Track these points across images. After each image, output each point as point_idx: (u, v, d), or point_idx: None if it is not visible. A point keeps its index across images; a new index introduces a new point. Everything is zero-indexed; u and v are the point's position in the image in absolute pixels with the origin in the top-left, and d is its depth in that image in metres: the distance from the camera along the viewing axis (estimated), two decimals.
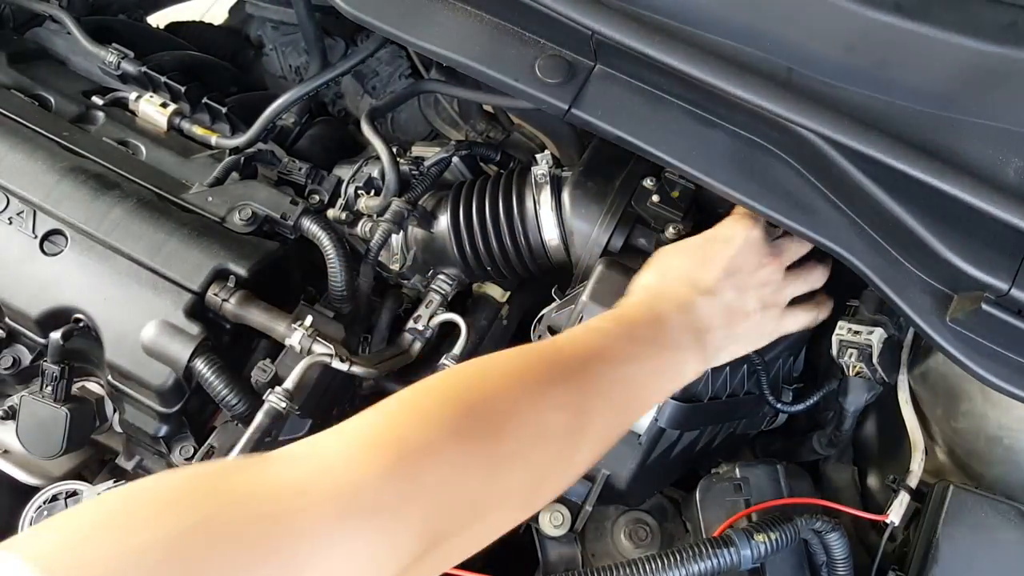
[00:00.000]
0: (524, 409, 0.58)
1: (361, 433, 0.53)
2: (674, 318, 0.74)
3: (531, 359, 0.63)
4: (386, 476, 0.50)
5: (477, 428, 0.55)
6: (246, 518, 0.44)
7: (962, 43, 0.75)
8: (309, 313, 0.95)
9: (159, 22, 1.50)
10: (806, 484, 1.00)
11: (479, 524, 0.56)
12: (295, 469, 0.49)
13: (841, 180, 0.76)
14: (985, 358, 0.74)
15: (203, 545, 0.41)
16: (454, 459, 0.53)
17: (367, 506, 0.48)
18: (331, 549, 0.45)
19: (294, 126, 1.23)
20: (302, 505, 0.46)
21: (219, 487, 0.46)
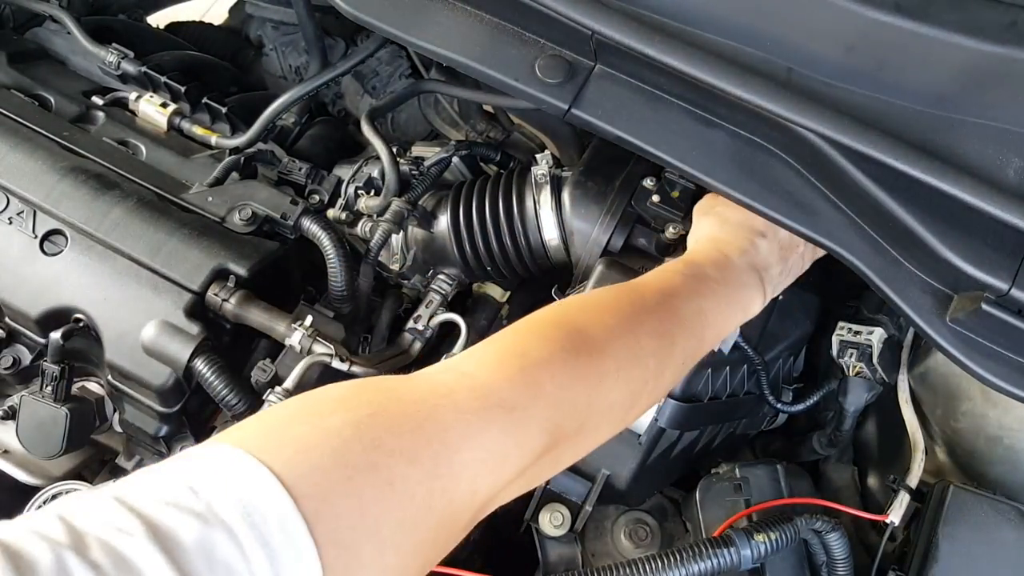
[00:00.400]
0: (621, 334, 0.67)
1: (491, 348, 0.62)
2: (737, 260, 0.82)
3: (621, 296, 0.72)
4: (515, 380, 0.58)
5: (584, 347, 0.64)
6: (409, 409, 0.53)
7: (962, 43, 0.75)
8: (309, 313, 0.95)
9: (159, 22, 1.50)
10: (806, 484, 1.00)
11: (587, 430, 0.64)
12: (441, 376, 0.58)
13: (841, 180, 0.76)
14: (985, 358, 0.74)
15: (380, 427, 0.50)
16: (567, 371, 0.61)
17: (501, 403, 0.56)
18: (474, 437, 0.54)
19: (294, 126, 1.23)
20: (450, 402, 0.55)
21: (384, 387, 0.55)
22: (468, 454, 0.53)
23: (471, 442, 0.54)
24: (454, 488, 0.52)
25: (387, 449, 0.49)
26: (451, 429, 0.53)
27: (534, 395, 0.58)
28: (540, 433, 0.58)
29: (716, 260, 0.81)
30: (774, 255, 0.85)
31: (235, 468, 0.45)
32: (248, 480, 0.44)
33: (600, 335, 0.65)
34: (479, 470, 0.54)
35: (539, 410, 0.58)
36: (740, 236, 0.85)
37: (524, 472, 0.59)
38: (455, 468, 0.52)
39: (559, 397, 0.60)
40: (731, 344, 0.89)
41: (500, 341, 0.63)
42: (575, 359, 0.62)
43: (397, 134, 1.40)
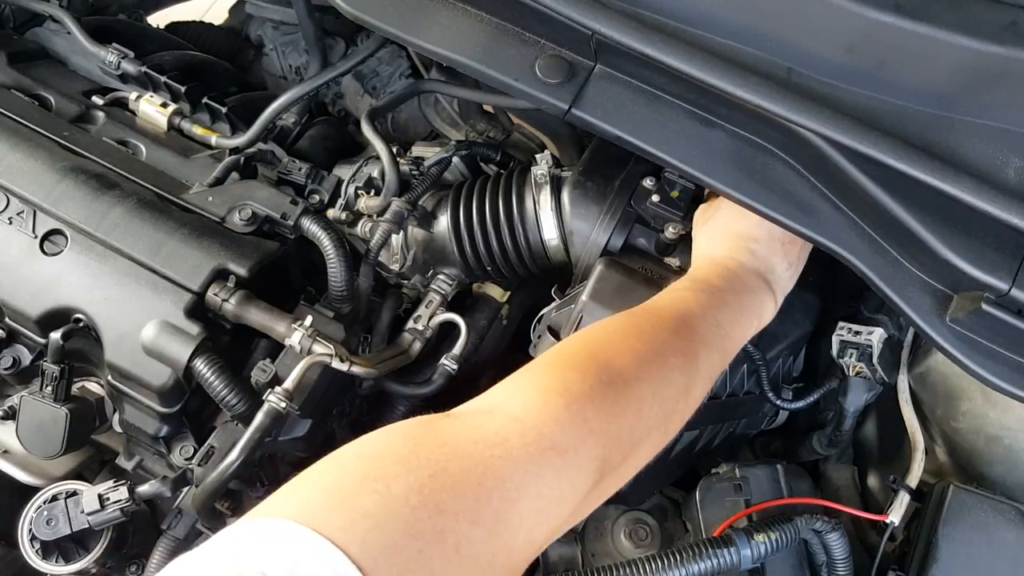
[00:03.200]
0: (650, 359, 0.68)
1: (532, 385, 0.62)
2: (740, 270, 0.83)
3: (640, 322, 0.73)
4: (563, 420, 0.58)
5: (620, 378, 0.64)
6: (469, 467, 0.52)
7: (962, 43, 0.75)
8: (309, 313, 0.95)
9: (159, 22, 1.50)
10: (806, 484, 1.00)
11: (630, 459, 0.65)
12: (491, 422, 0.57)
13: (841, 180, 0.76)
14: (985, 358, 0.74)
15: (443, 490, 0.49)
16: (609, 404, 0.62)
17: (554, 447, 0.56)
18: (531, 486, 0.54)
19: (294, 126, 1.23)
20: (504, 451, 0.54)
21: (439, 440, 0.54)
22: (526, 504, 0.53)
23: (528, 491, 0.53)
24: (514, 542, 0.52)
25: (452, 513, 0.48)
26: (509, 481, 0.53)
27: (582, 433, 0.59)
28: (591, 470, 0.59)
29: (720, 274, 0.82)
30: (776, 255, 0.86)
31: (307, 551, 0.42)
32: (324, 565, 0.42)
33: (631, 363, 0.66)
34: (537, 519, 0.54)
35: (588, 448, 0.59)
36: (736, 247, 0.85)
37: (576, 510, 0.59)
38: (514, 522, 0.52)
39: (605, 431, 0.60)
40: None
41: (539, 377, 0.63)
42: (614, 391, 0.63)
43: (397, 134, 1.40)
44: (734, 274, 0.82)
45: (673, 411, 0.69)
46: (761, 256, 0.85)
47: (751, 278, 0.83)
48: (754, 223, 0.86)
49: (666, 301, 0.77)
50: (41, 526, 0.89)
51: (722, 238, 0.87)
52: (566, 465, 0.56)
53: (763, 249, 0.85)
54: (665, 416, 0.68)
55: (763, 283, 0.83)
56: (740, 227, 0.87)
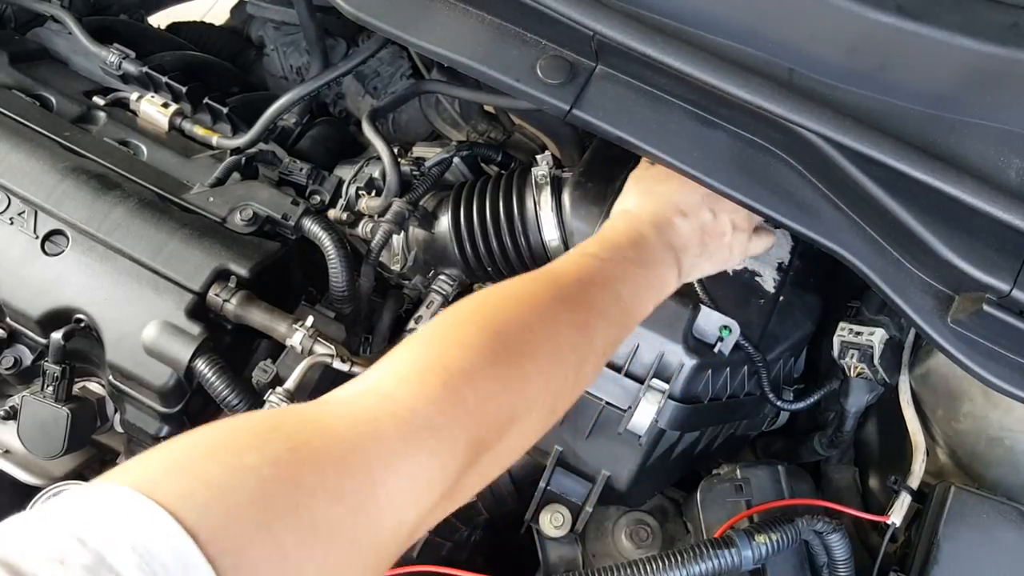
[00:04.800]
0: (540, 332, 0.65)
1: (411, 360, 0.60)
2: (654, 237, 0.81)
3: (538, 288, 0.70)
4: (438, 398, 0.56)
5: (505, 351, 0.62)
6: (332, 443, 0.49)
7: (963, 44, 0.75)
8: (310, 314, 0.95)
9: (160, 22, 1.50)
10: (807, 485, 1.00)
11: (510, 436, 0.62)
12: (362, 400, 0.55)
13: (842, 181, 0.76)
14: (986, 359, 0.74)
15: (302, 465, 0.46)
16: (490, 380, 0.60)
17: (426, 426, 0.54)
18: (399, 466, 0.51)
19: (295, 126, 1.23)
20: (373, 429, 0.52)
21: (304, 418, 0.52)
22: (394, 484, 0.50)
23: (397, 472, 0.51)
24: (380, 523, 0.49)
25: (309, 488, 0.45)
26: (376, 460, 0.50)
27: (457, 412, 0.56)
28: (465, 450, 0.56)
29: (633, 239, 0.80)
30: (694, 237, 0.84)
31: (130, 513, 0.39)
32: (146, 528, 0.38)
33: (520, 335, 0.64)
34: (406, 499, 0.51)
35: (463, 428, 0.56)
36: (661, 211, 0.83)
37: (449, 492, 0.56)
38: (380, 502, 0.49)
39: (483, 409, 0.58)
40: (731, 344, 0.89)
41: (419, 352, 0.61)
42: (496, 367, 0.61)
43: (398, 135, 1.40)
44: (647, 242, 0.80)
45: (561, 388, 0.67)
46: (682, 232, 0.83)
47: (663, 251, 0.80)
48: (689, 198, 0.84)
49: (570, 267, 0.74)
50: None
51: (653, 198, 0.85)
52: (439, 445, 0.54)
53: (686, 226, 0.83)
54: (552, 394, 0.66)
55: (673, 260, 0.81)
56: (674, 196, 0.85)
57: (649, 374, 0.86)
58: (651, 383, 0.85)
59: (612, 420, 0.88)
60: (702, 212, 0.85)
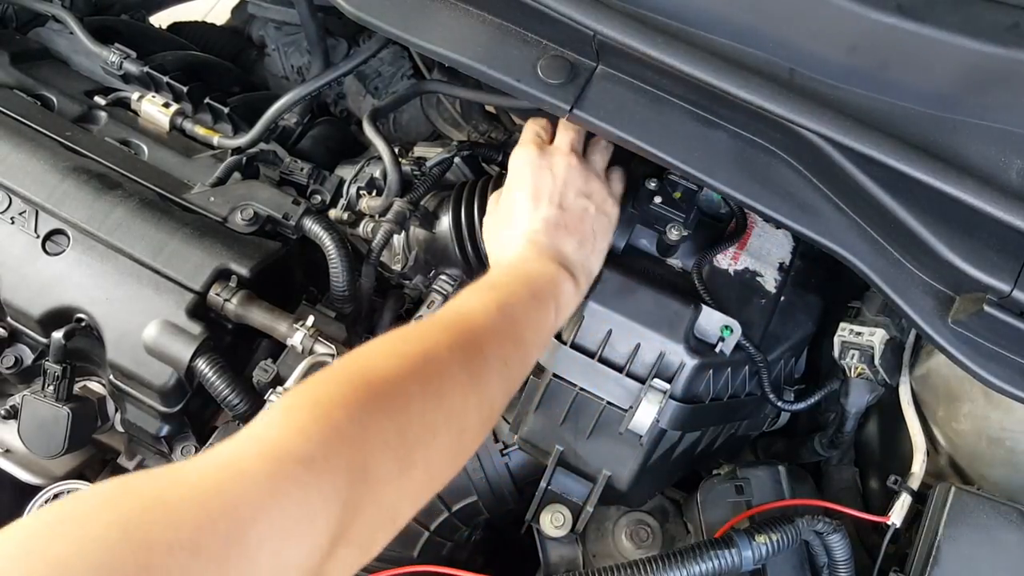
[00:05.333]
0: (416, 357, 0.63)
1: (279, 406, 0.55)
2: (524, 262, 0.82)
3: (407, 330, 0.68)
4: (308, 430, 0.52)
5: (379, 378, 0.59)
6: (188, 494, 0.45)
7: (964, 44, 0.75)
8: (311, 313, 0.95)
9: (161, 22, 1.50)
10: (807, 485, 1.00)
11: (413, 466, 0.58)
12: (225, 447, 0.51)
13: (843, 181, 0.76)
14: (987, 360, 0.74)
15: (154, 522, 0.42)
16: (365, 405, 0.56)
17: (296, 458, 0.50)
18: (268, 504, 0.47)
19: (296, 126, 1.23)
20: (236, 471, 0.47)
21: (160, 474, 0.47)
22: (264, 526, 0.45)
23: (266, 511, 0.46)
24: (254, 569, 0.44)
25: (164, 546, 0.41)
26: (241, 503, 0.45)
27: (330, 440, 0.52)
28: (350, 482, 0.52)
29: (505, 271, 0.81)
30: (560, 238, 0.84)
31: None
32: None
33: (394, 364, 0.61)
34: (282, 541, 0.46)
35: (342, 456, 0.52)
36: (518, 246, 0.84)
37: (346, 533, 0.52)
38: (251, 547, 0.44)
39: (362, 436, 0.54)
40: (733, 345, 0.89)
41: (288, 397, 0.57)
42: (372, 392, 0.57)
43: (399, 134, 1.40)
44: (517, 267, 0.81)
45: (464, 407, 0.64)
46: (543, 244, 0.83)
47: (538, 263, 0.81)
48: (527, 217, 0.85)
49: (443, 307, 0.73)
50: None
51: (506, 242, 0.87)
52: (314, 476, 0.49)
53: (544, 237, 0.84)
54: (451, 413, 0.63)
55: (554, 267, 0.81)
56: (517, 226, 0.86)
57: (650, 374, 0.86)
58: (652, 383, 0.85)
59: (613, 420, 0.88)
60: (549, 216, 0.85)
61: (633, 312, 0.86)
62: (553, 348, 0.87)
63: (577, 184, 0.88)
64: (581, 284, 0.84)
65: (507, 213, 0.88)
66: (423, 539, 0.99)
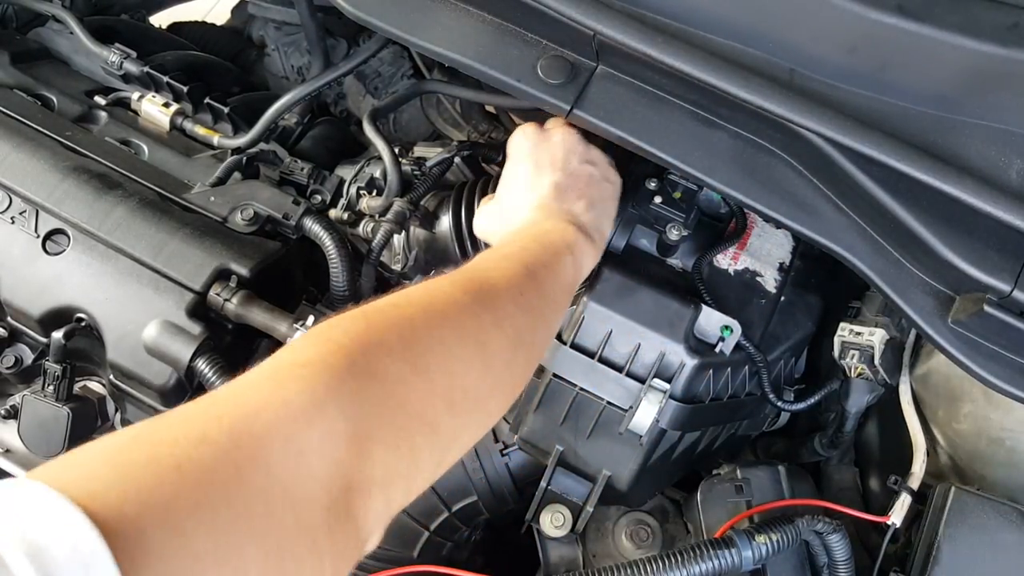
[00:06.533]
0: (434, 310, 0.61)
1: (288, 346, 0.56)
2: (539, 224, 0.80)
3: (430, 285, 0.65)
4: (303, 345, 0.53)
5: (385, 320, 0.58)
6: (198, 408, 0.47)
7: (964, 44, 0.75)
8: (311, 313, 0.95)
9: (161, 22, 1.50)
10: (807, 485, 1.00)
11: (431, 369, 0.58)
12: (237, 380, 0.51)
13: (843, 181, 0.76)
14: (987, 360, 0.74)
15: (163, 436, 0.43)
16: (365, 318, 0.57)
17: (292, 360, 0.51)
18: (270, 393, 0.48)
19: (296, 126, 1.23)
20: (235, 386, 0.49)
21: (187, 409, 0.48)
22: (269, 413, 0.47)
23: (269, 400, 0.47)
24: (266, 453, 0.45)
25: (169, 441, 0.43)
26: (243, 400, 0.47)
27: (328, 348, 0.53)
28: (353, 376, 0.52)
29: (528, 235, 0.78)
30: (569, 201, 0.83)
31: (32, 507, 0.36)
32: (46, 522, 0.36)
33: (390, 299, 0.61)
34: (292, 427, 0.47)
35: (340, 357, 0.52)
36: (523, 215, 0.82)
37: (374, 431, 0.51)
38: (257, 432, 0.45)
39: (359, 342, 0.54)
40: (732, 344, 0.89)
41: None
42: (366, 315, 0.57)
43: (399, 134, 1.40)
44: (525, 229, 0.79)
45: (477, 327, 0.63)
46: (553, 207, 0.82)
47: (549, 223, 0.79)
48: (532, 186, 0.84)
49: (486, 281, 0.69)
50: None
51: (510, 215, 0.84)
52: (309, 370, 0.50)
53: (553, 201, 0.82)
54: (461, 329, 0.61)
55: (564, 224, 0.79)
56: (522, 198, 0.84)
57: (650, 374, 0.86)
58: (652, 383, 0.85)
59: (613, 420, 0.88)
60: (557, 181, 0.84)
61: (633, 312, 0.86)
62: (553, 348, 0.87)
63: (579, 151, 0.88)
64: (596, 242, 0.83)
65: (509, 190, 0.87)
66: (423, 539, 0.99)
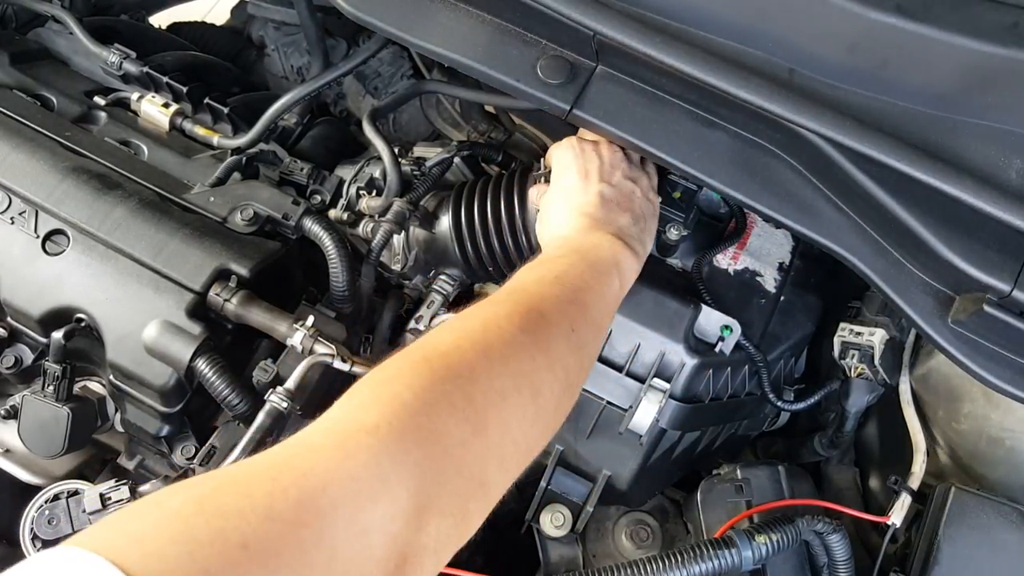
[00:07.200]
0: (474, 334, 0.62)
1: (343, 395, 0.57)
2: (580, 235, 0.81)
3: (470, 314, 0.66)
4: (368, 402, 0.54)
5: (438, 354, 0.59)
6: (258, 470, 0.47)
7: (964, 44, 0.75)
8: (311, 313, 0.95)
9: (161, 22, 1.50)
10: (807, 485, 1.00)
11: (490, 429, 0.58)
12: (294, 436, 0.52)
13: (843, 181, 0.76)
14: (987, 360, 0.74)
15: (227, 496, 0.44)
16: (424, 373, 0.57)
17: (361, 427, 0.51)
18: (339, 470, 0.48)
19: (296, 126, 1.23)
20: (304, 448, 0.49)
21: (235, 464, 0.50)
22: (336, 489, 0.46)
23: (336, 476, 0.47)
24: (331, 533, 0.45)
25: (235, 512, 0.43)
26: (309, 470, 0.47)
27: (394, 409, 0.53)
28: (419, 444, 0.52)
29: (560, 245, 0.80)
30: (614, 212, 0.85)
31: (74, 566, 0.39)
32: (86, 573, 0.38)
33: (450, 336, 0.61)
34: (357, 504, 0.47)
35: (407, 421, 0.52)
36: (572, 222, 0.84)
37: (433, 503, 0.52)
38: (325, 509, 0.45)
39: (426, 402, 0.54)
40: (732, 344, 0.89)
41: (352, 387, 0.58)
42: (429, 364, 0.58)
43: (399, 135, 1.40)
44: (571, 240, 0.81)
45: (532, 369, 0.63)
46: (599, 218, 0.83)
47: (594, 236, 0.81)
48: (579, 193, 0.85)
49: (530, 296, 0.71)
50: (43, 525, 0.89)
51: (558, 219, 0.86)
52: (379, 441, 0.50)
53: (599, 212, 0.84)
54: (519, 374, 0.62)
55: (610, 238, 0.81)
56: (569, 203, 0.86)
57: (650, 374, 0.86)
58: (652, 383, 0.85)
59: (613, 420, 0.88)
60: (603, 192, 0.85)
61: (633, 312, 0.87)
62: None
63: (623, 167, 0.89)
64: (640, 254, 0.84)
65: (557, 198, 0.88)
66: None
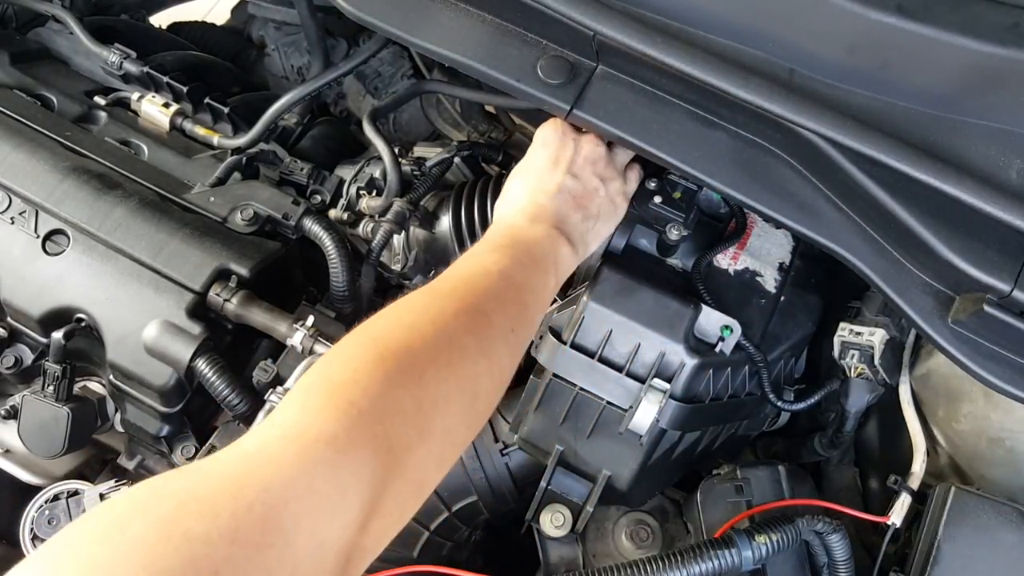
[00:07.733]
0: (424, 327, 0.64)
1: (294, 391, 0.57)
2: (526, 224, 0.82)
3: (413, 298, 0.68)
4: (326, 409, 0.53)
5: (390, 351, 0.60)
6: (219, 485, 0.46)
7: (964, 44, 0.75)
8: (311, 313, 0.95)
9: (161, 22, 1.50)
10: (807, 485, 1.00)
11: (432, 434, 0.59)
12: (248, 439, 0.52)
13: (843, 181, 0.76)
14: (987, 360, 0.74)
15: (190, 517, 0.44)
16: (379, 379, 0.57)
17: (319, 438, 0.51)
18: (299, 484, 0.48)
19: (296, 126, 1.23)
20: (264, 458, 0.49)
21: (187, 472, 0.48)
22: (298, 506, 0.47)
23: (298, 492, 0.47)
24: (293, 551, 0.46)
25: (203, 538, 0.43)
26: (271, 485, 0.47)
27: (351, 417, 0.53)
28: (375, 454, 0.53)
29: (503, 232, 0.81)
30: (565, 206, 0.85)
31: None
32: None
33: (402, 335, 0.62)
34: (317, 520, 0.48)
35: (364, 431, 0.53)
36: (522, 207, 0.85)
37: (378, 506, 0.53)
38: (287, 528, 0.46)
39: (380, 409, 0.55)
40: (732, 344, 0.89)
41: (303, 380, 0.58)
42: (384, 366, 0.58)
43: (399, 134, 1.40)
44: (518, 228, 0.81)
45: (475, 373, 0.65)
46: (549, 208, 0.84)
47: (538, 228, 0.82)
48: (541, 177, 0.86)
49: (445, 272, 0.73)
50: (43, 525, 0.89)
51: (513, 197, 0.87)
52: (339, 454, 0.51)
53: (552, 202, 0.84)
54: (463, 379, 0.63)
55: (554, 232, 0.82)
56: (528, 184, 0.87)
57: (650, 374, 0.86)
58: (652, 383, 0.85)
59: (613, 420, 0.88)
60: (563, 183, 0.86)
61: (633, 312, 0.86)
62: (553, 348, 0.87)
63: (597, 165, 0.89)
64: (579, 252, 0.85)
65: (522, 174, 0.89)
66: (423, 539, 0.99)
